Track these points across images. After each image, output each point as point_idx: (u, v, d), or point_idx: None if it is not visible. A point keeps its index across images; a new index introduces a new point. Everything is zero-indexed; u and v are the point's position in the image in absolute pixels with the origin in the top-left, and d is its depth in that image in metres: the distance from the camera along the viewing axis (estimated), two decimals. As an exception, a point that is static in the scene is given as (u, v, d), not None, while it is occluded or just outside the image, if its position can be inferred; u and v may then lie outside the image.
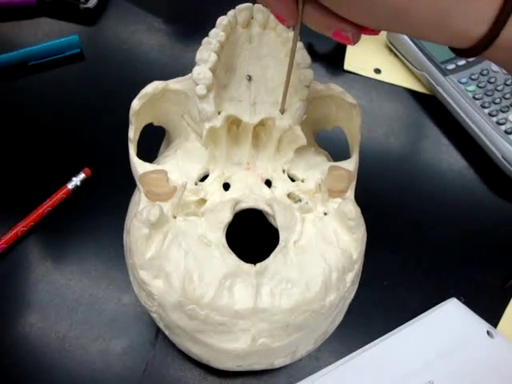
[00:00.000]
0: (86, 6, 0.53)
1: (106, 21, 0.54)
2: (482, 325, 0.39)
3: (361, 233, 0.32)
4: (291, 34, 0.32)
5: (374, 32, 0.26)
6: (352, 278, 0.32)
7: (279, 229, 0.31)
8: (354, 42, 0.26)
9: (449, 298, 0.41)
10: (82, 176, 0.42)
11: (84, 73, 0.50)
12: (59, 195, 0.41)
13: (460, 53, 0.26)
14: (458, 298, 0.41)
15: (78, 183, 0.42)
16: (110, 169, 0.43)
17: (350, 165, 0.34)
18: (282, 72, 0.33)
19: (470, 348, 0.38)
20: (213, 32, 0.32)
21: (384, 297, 0.42)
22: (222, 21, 0.32)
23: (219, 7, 0.35)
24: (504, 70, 0.52)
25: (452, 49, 0.27)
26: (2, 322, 0.37)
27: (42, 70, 0.49)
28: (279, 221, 0.31)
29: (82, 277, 0.39)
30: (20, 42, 0.50)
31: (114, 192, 0.41)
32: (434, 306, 0.40)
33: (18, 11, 0.53)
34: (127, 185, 0.35)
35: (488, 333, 0.39)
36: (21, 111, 0.47)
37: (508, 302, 0.42)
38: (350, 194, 0.34)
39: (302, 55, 0.32)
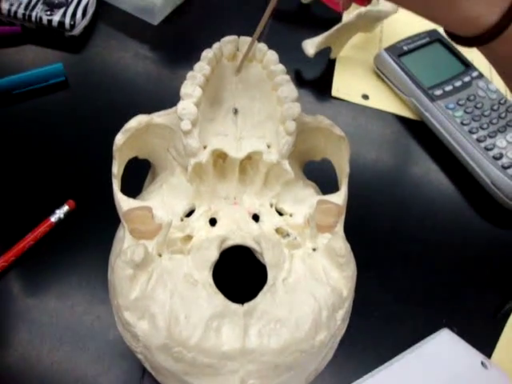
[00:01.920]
0: (71, 33, 0.53)
1: (92, 48, 0.54)
2: (475, 356, 0.38)
3: (351, 270, 0.31)
4: (277, 66, 0.32)
5: (363, 2, 0.26)
6: (342, 315, 0.31)
7: (267, 267, 0.30)
8: (344, 8, 0.26)
9: (441, 327, 0.41)
10: (65, 208, 0.41)
11: (69, 101, 0.50)
12: (42, 228, 0.40)
13: (465, 42, 0.26)
14: (451, 328, 0.40)
15: (62, 216, 0.41)
16: (95, 200, 0.42)
17: (339, 198, 0.34)
18: (268, 105, 0.33)
19: (464, 380, 0.37)
20: (198, 65, 0.31)
21: (375, 328, 0.41)
22: (207, 54, 0.32)
23: (206, 34, 0.35)
24: (491, 87, 0.52)
25: (456, 38, 0.27)
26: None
27: (26, 99, 0.49)
28: (267, 258, 0.30)
29: (64, 313, 0.38)
30: (4, 69, 0.50)
31: (98, 225, 0.40)
32: (427, 336, 0.40)
33: (3, 39, 0.52)
34: (113, 217, 0.34)
35: (482, 363, 0.38)
36: (3, 141, 0.46)
37: (501, 330, 0.42)
38: (340, 228, 0.33)
39: (289, 89, 0.32)
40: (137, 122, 0.33)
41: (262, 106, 0.33)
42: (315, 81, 0.55)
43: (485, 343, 0.40)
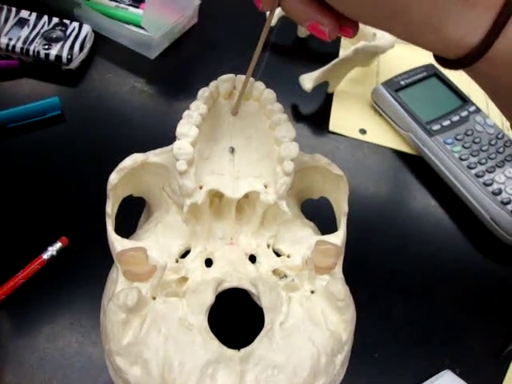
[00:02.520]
0: (68, 67, 0.53)
1: (88, 82, 0.54)
2: None
3: (350, 313, 0.31)
4: (275, 105, 0.32)
5: (349, 34, 0.26)
6: (341, 359, 0.30)
7: (264, 310, 0.29)
8: (330, 38, 0.26)
9: (443, 368, 0.40)
10: (58, 245, 0.41)
11: (64, 135, 0.49)
12: (33, 266, 0.39)
13: (450, 65, 0.26)
14: (453, 369, 0.40)
15: (54, 253, 0.40)
16: (89, 237, 0.41)
17: (338, 239, 0.33)
18: (265, 144, 0.32)
19: None
20: (194, 104, 0.31)
21: (374, 369, 0.40)
22: (203, 92, 0.31)
23: (202, 67, 0.35)
24: (489, 121, 0.52)
25: (441, 61, 0.27)
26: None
27: (21, 133, 0.48)
28: (264, 302, 0.29)
29: (55, 355, 0.37)
30: (0, 103, 0.49)
31: (91, 262, 0.39)
32: (428, 377, 0.39)
33: (0, 72, 0.52)
34: (106, 255, 0.33)
35: None
36: (-2, 176, 0.46)
37: (505, 372, 0.41)
38: (338, 270, 0.33)
39: (287, 129, 0.31)
40: (132, 160, 0.32)
41: (259, 144, 0.33)
42: (312, 115, 0.55)
43: None
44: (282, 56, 0.59)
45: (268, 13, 0.28)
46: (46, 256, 0.40)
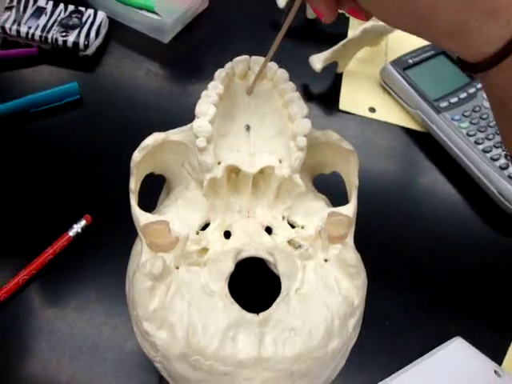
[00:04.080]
0: (84, 53, 0.55)
1: (105, 67, 0.56)
2: (489, 364, 0.39)
3: (361, 279, 0.32)
4: (287, 84, 0.33)
5: (362, 18, 0.28)
6: (354, 323, 0.32)
7: (281, 277, 0.31)
8: (326, 20, 0.29)
9: (450, 336, 0.41)
10: (83, 223, 0.43)
11: (83, 119, 0.51)
12: (60, 242, 0.42)
13: (467, 67, 0.28)
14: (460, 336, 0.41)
15: (79, 230, 0.43)
16: (111, 215, 0.44)
17: (349, 210, 0.35)
18: (279, 121, 0.34)
19: None
20: (211, 85, 0.33)
21: (386, 337, 0.42)
22: (220, 73, 0.33)
23: (214, 50, 0.36)
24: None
25: (459, 62, 0.28)
26: (3, 371, 0.37)
27: (43, 118, 0.50)
28: (281, 269, 0.31)
29: (84, 324, 0.39)
30: (21, 89, 0.51)
31: (114, 238, 0.41)
32: (436, 345, 0.41)
33: (20, 60, 0.54)
34: (128, 231, 0.35)
35: (495, 372, 0.39)
36: (22, 159, 0.48)
37: (510, 341, 0.42)
38: (350, 239, 0.34)
39: (300, 106, 0.33)
40: (153, 139, 0.34)
41: (273, 122, 0.34)
42: (323, 95, 0.56)
43: (495, 351, 0.41)
44: (292, 37, 0.60)
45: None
46: (71, 233, 0.42)
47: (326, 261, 0.33)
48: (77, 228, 0.43)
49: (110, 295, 0.41)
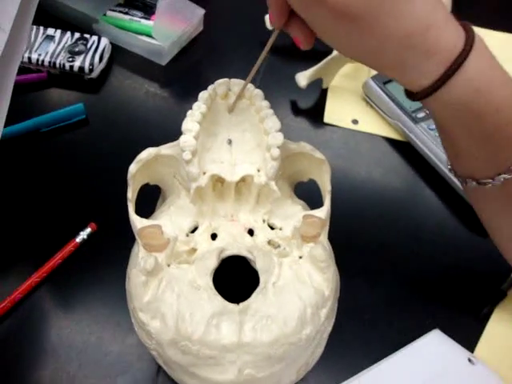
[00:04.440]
0: (90, 76, 0.59)
1: (108, 88, 0.60)
2: (463, 353, 0.42)
3: (331, 273, 0.36)
4: (263, 102, 0.38)
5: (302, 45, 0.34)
6: (326, 313, 0.36)
7: (259, 272, 0.35)
8: (304, 47, 0.34)
9: (427, 328, 0.44)
10: (88, 230, 0.47)
11: (89, 136, 0.56)
12: (68, 248, 0.46)
13: (409, 95, 0.33)
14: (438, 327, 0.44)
15: (85, 237, 0.47)
16: (114, 223, 0.48)
17: (322, 213, 0.39)
18: (257, 135, 0.38)
19: (453, 375, 0.41)
20: (195, 105, 0.37)
21: (366, 330, 0.45)
22: (203, 94, 0.38)
23: (209, 71, 0.41)
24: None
25: (404, 91, 0.33)
26: (18, 363, 0.41)
27: (53, 136, 0.55)
28: (259, 265, 0.36)
29: (89, 322, 0.43)
30: (33, 111, 0.56)
31: (117, 244, 0.45)
32: (414, 337, 0.43)
33: (32, 85, 0.59)
34: (129, 238, 0.40)
35: (469, 360, 0.41)
36: (34, 172, 0.53)
37: (483, 329, 0.45)
38: (323, 238, 0.38)
39: (273, 121, 0.37)
40: (147, 153, 0.38)
41: (252, 136, 0.39)
42: (309, 109, 0.61)
43: (467, 341, 0.44)
44: (281, 56, 0.65)
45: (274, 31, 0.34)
46: (78, 239, 0.47)
47: (300, 257, 0.37)
48: (83, 235, 0.47)
49: (113, 295, 0.45)
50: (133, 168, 0.38)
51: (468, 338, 0.45)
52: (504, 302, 0.47)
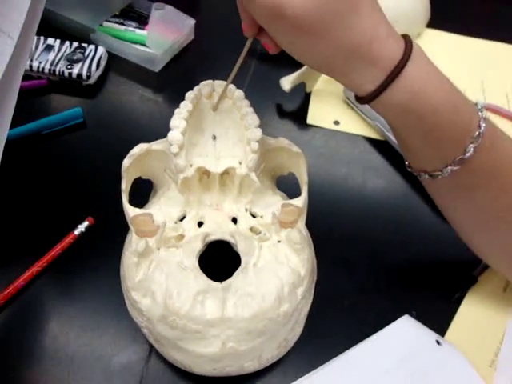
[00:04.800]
0: (87, 82, 0.63)
1: (105, 94, 0.64)
2: (431, 335, 0.45)
3: (306, 254, 0.40)
4: (244, 101, 0.41)
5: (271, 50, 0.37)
6: (302, 292, 0.39)
7: (240, 254, 0.39)
8: (272, 51, 0.37)
9: (402, 313, 0.46)
10: (86, 224, 0.51)
11: (87, 138, 0.59)
12: (67, 240, 0.49)
13: (358, 99, 0.37)
14: (411, 313, 0.46)
15: (83, 230, 0.50)
16: (110, 217, 0.51)
17: (299, 202, 0.42)
18: (238, 131, 0.42)
19: (422, 355, 0.43)
20: (182, 104, 0.41)
21: (345, 315, 0.47)
22: (189, 94, 0.41)
23: (200, 77, 0.44)
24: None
25: (355, 95, 0.37)
26: (20, 345, 0.44)
27: (53, 138, 0.59)
28: (240, 248, 0.39)
29: (86, 308, 0.46)
30: (34, 115, 0.59)
31: (112, 237, 0.48)
32: (391, 321, 0.46)
33: (33, 91, 0.63)
34: (123, 232, 0.44)
35: (437, 342, 0.44)
36: (35, 171, 0.56)
37: (455, 313, 0.48)
38: (300, 224, 0.42)
39: (252, 118, 0.41)
40: (139, 148, 0.42)
41: (235, 132, 0.42)
42: (293, 112, 0.64)
43: (440, 325, 0.47)
44: (268, 62, 0.69)
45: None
46: (76, 232, 0.50)
47: (279, 242, 0.41)
48: (81, 228, 0.50)
49: (108, 283, 0.47)
50: (126, 162, 0.42)
51: (441, 321, 0.47)
52: (475, 287, 0.50)
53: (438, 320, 0.47)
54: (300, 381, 0.42)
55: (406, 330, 0.45)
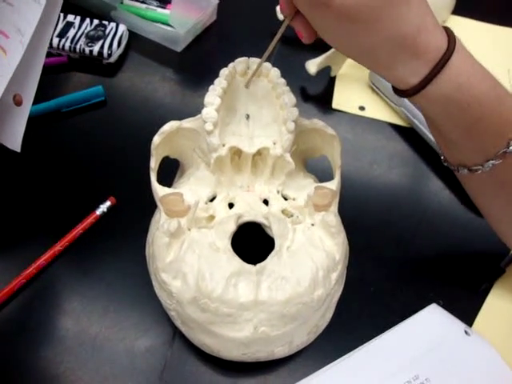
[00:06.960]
0: (108, 61, 0.62)
1: (125, 73, 0.63)
2: (459, 325, 0.44)
3: (341, 238, 0.39)
4: (280, 80, 0.40)
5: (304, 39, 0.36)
6: (336, 277, 0.39)
7: (274, 237, 0.38)
8: (306, 41, 0.36)
9: (429, 302, 0.46)
10: (108, 203, 0.50)
11: (107, 117, 0.58)
12: (89, 220, 0.48)
13: (398, 92, 0.36)
14: (438, 303, 0.46)
15: (105, 210, 0.49)
16: (132, 197, 0.50)
17: (333, 185, 0.41)
18: (273, 111, 0.41)
19: (450, 345, 0.43)
20: (217, 80, 0.40)
21: (371, 302, 0.47)
22: (224, 71, 0.40)
23: (221, 58, 0.43)
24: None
25: (393, 88, 0.36)
26: (43, 326, 0.43)
27: (73, 116, 0.58)
28: (274, 230, 0.38)
29: (108, 288, 0.46)
30: (55, 92, 0.59)
31: (134, 218, 0.48)
32: (417, 309, 0.45)
33: (53, 68, 0.62)
34: (147, 211, 0.43)
35: (465, 332, 0.43)
36: (56, 149, 0.55)
37: (482, 303, 0.48)
38: (334, 208, 0.41)
39: (289, 97, 0.40)
40: (169, 126, 0.41)
41: (269, 111, 0.41)
42: (318, 96, 0.63)
43: (467, 315, 0.46)
44: (291, 45, 0.67)
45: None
46: (98, 212, 0.49)
47: (312, 225, 0.40)
48: (103, 208, 0.49)
49: (131, 264, 0.47)
50: (156, 139, 0.40)
51: (467, 312, 0.47)
52: (502, 278, 0.49)
53: (465, 310, 0.47)
54: (328, 367, 0.41)
55: (434, 319, 0.45)
